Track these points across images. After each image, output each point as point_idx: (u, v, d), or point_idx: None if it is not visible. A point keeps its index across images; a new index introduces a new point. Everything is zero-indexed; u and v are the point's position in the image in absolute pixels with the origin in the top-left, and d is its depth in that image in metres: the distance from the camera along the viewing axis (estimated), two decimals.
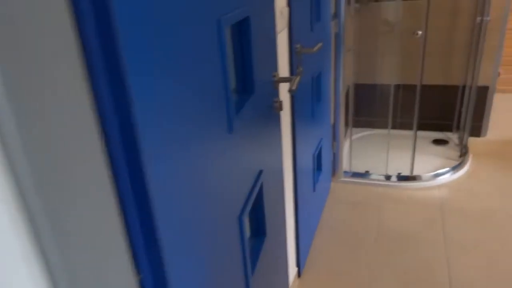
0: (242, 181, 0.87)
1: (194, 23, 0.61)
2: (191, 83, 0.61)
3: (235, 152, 0.80)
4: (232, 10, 0.74)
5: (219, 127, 0.72)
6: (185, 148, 0.59)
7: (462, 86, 3.03)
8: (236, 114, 0.79)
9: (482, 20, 2.43)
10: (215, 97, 0.69)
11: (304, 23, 1.60)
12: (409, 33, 2.96)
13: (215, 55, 0.68)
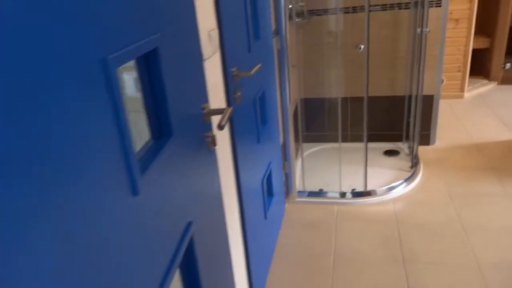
0: (160, 245, 0.72)
1: (56, 70, 0.46)
2: (68, 148, 0.46)
3: (145, 215, 0.65)
4: (126, 45, 0.59)
5: (117, 192, 0.57)
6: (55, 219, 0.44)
7: (408, 96, 3.04)
8: (145, 170, 0.65)
9: (422, 31, 2.44)
10: (107, 158, 0.55)
11: (240, 44, 1.48)
12: (353, 46, 2.94)
13: (102, 106, 0.53)
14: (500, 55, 4.33)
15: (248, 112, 1.59)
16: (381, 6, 2.82)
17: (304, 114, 3.27)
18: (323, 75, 3.09)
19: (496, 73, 4.43)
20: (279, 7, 2.15)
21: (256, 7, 1.73)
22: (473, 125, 3.46)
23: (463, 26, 3.86)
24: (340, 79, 3.08)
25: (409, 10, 2.78)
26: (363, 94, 2.98)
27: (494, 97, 4.10)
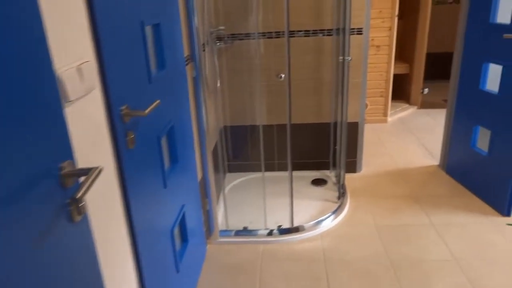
0: None
1: None
2: None
3: None
4: None
5: None
6: None
7: (334, 123, 2.97)
8: None
9: (344, 59, 2.37)
10: None
11: (134, 76, 1.24)
12: (276, 72, 2.82)
13: None
14: (418, 80, 4.51)
15: (147, 155, 1.34)
16: (304, 32, 2.74)
17: (229, 142, 3.07)
18: (247, 101, 2.93)
19: (416, 97, 4.60)
20: (192, 32, 1.95)
21: (160, 32, 1.51)
22: (396, 150, 3.49)
23: (384, 53, 3.95)
24: (264, 105, 2.94)
25: (332, 36, 2.73)
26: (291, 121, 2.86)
27: (414, 121, 4.22)
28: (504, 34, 2.25)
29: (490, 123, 2.49)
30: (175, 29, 1.71)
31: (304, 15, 2.69)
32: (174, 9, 1.70)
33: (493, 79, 2.48)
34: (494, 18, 2.39)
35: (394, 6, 3.79)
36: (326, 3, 2.65)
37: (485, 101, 2.51)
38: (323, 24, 2.71)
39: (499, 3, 2.36)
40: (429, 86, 5.17)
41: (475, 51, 2.56)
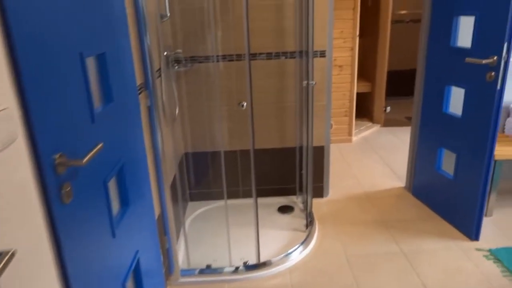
0: None
1: None
2: None
3: None
4: None
5: None
6: None
7: (299, 147, 2.88)
8: None
9: (308, 84, 2.29)
10: None
11: (71, 118, 1.08)
12: (237, 99, 2.71)
13: None
14: (380, 98, 4.53)
15: (90, 206, 1.17)
16: (266, 54, 2.64)
17: (190, 170, 2.91)
18: (208, 126, 2.79)
19: (379, 115, 4.62)
20: (145, 59, 1.79)
21: (106, 62, 1.35)
22: (362, 171, 3.44)
23: (347, 72, 3.93)
24: (226, 130, 2.81)
25: (294, 59, 2.65)
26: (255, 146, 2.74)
27: (378, 140, 4.22)
28: (466, 58, 2.24)
29: (454, 146, 2.47)
30: (125, 57, 1.56)
31: (266, 37, 2.60)
32: (123, 35, 1.55)
33: (456, 102, 2.48)
34: (455, 42, 2.39)
35: (355, 26, 3.79)
36: (288, 25, 2.58)
37: (449, 123, 2.49)
38: (286, 46, 2.63)
39: (459, 27, 2.37)
40: (391, 103, 5.23)
41: (437, 74, 2.55)
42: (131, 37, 1.68)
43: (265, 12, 2.55)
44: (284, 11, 2.56)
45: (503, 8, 1.99)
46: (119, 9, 1.51)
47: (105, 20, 1.35)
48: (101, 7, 1.32)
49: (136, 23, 1.75)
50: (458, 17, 2.35)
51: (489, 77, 2.12)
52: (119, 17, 1.51)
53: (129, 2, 1.68)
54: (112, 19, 1.42)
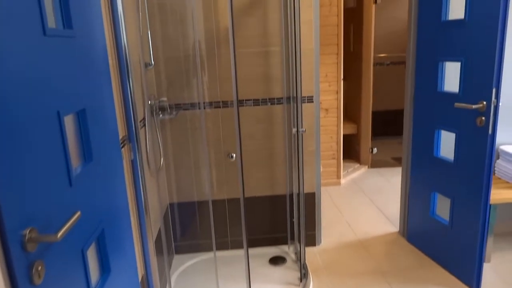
0: None
1: None
2: None
3: None
4: None
5: None
6: None
7: (289, 194, 2.78)
8: None
9: (298, 131, 2.23)
10: None
11: (45, 184, 0.97)
12: (226, 142, 2.63)
13: None
14: (367, 139, 4.52)
15: (65, 282, 1.03)
16: (253, 100, 2.60)
17: (176, 221, 2.76)
18: (195, 175, 2.68)
19: (366, 157, 4.59)
20: (129, 111, 1.71)
21: (86, 119, 1.25)
22: (354, 216, 3.35)
23: (333, 115, 3.93)
24: (214, 179, 2.70)
25: (282, 105, 2.61)
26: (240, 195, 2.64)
27: (367, 181, 4.16)
28: (454, 102, 2.23)
29: (448, 191, 2.41)
30: (107, 110, 1.47)
31: (253, 83, 2.57)
32: (105, 88, 1.47)
33: (447, 146, 2.45)
34: (442, 87, 2.39)
35: (339, 70, 3.83)
36: (275, 72, 2.56)
37: (441, 168, 2.45)
38: (273, 92, 2.59)
39: (445, 72, 2.38)
40: (377, 143, 5.23)
41: (426, 117, 2.54)
42: (114, 89, 1.61)
43: (251, 59, 2.53)
44: (270, 57, 2.54)
45: (489, 54, 2.00)
46: (101, 61, 1.44)
47: (86, 73, 1.27)
48: (82, 60, 1.25)
49: (119, 73, 1.68)
50: (443, 62, 2.36)
51: (479, 122, 2.10)
52: (101, 69, 1.44)
53: (112, 53, 1.62)
54: (93, 72, 1.35)
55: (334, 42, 3.77)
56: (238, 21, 2.47)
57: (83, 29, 1.27)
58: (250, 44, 2.51)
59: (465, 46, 2.15)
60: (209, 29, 2.47)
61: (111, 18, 1.62)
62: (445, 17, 2.30)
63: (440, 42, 2.34)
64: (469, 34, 2.12)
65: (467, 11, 2.11)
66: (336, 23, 3.74)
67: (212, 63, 2.52)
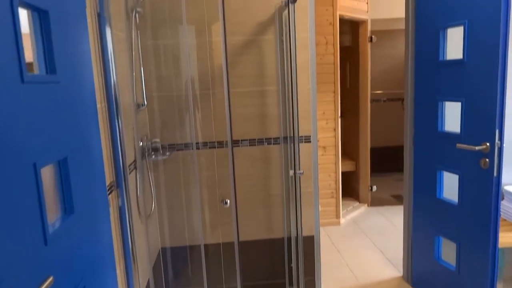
0: None
1: None
2: None
3: None
4: None
5: None
6: None
7: (287, 238, 2.66)
8: None
9: (295, 174, 2.14)
10: None
11: (15, 245, 0.87)
12: (220, 184, 2.53)
13: None
14: (366, 177, 4.43)
15: None
16: (249, 140, 2.53)
17: (168, 267, 2.62)
18: (188, 219, 2.56)
19: (365, 195, 4.49)
20: (117, 154, 1.63)
21: (67, 168, 1.17)
22: (354, 259, 3.20)
23: (331, 153, 3.86)
24: (208, 222, 2.59)
25: (279, 145, 2.54)
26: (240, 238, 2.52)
27: (367, 221, 4.03)
28: (456, 143, 2.17)
29: (454, 235, 2.30)
30: (92, 157, 1.39)
31: (248, 123, 2.51)
32: (92, 133, 1.39)
33: (450, 187, 2.36)
34: (442, 127, 2.34)
35: (337, 107, 3.80)
36: (271, 111, 2.50)
37: (445, 210, 2.35)
38: (269, 132, 2.53)
39: (445, 112, 2.33)
40: (376, 180, 5.13)
41: (427, 158, 2.46)
42: (102, 132, 1.53)
43: (247, 98, 2.48)
44: (267, 97, 2.49)
45: (490, 94, 1.96)
46: (89, 105, 1.37)
47: (71, 119, 1.20)
48: (67, 105, 1.18)
49: (109, 116, 1.61)
50: (443, 102, 2.32)
51: (483, 164, 2.03)
52: (89, 112, 1.37)
53: (101, 95, 1.56)
54: (79, 117, 1.27)
55: (331, 80, 3.76)
56: (234, 60, 2.44)
57: (69, 73, 1.21)
58: (246, 83, 2.47)
59: (465, 86, 2.11)
60: (204, 68, 2.44)
61: (101, 60, 1.57)
62: (442, 57, 2.27)
63: (438, 82, 2.30)
64: (468, 74, 2.08)
65: (465, 51, 2.08)
66: (333, 62, 3.74)
67: (207, 102, 2.47)
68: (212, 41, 2.41)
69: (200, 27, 2.39)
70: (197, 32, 2.39)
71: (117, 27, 1.83)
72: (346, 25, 4.48)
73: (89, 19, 1.47)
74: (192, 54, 2.42)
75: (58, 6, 1.16)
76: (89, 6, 1.48)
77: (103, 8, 1.51)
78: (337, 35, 3.72)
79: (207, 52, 2.43)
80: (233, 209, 1.81)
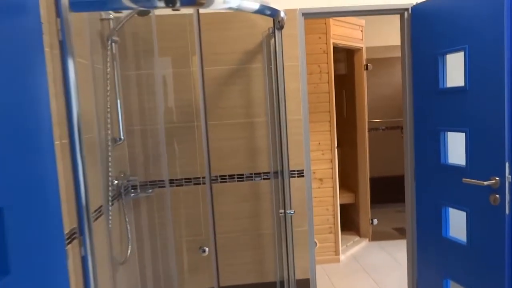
0: None
1: None
2: None
3: None
4: None
5: None
6: None
7: (280, 282, 2.43)
8: None
9: (285, 213, 1.95)
10: None
11: None
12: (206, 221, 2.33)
13: None
14: (366, 210, 4.21)
15: None
16: (237, 176, 2.34)
17: None
18: (168, 262, 2.34)
19: (366, 228, 4.25)
20: (79, 197, 1.44)
21: (2, 220, 0.98)
22: None
23: (328, 185, 3.66)
24: (191, 265, 2.36)
25: (269, 180, 2.35)
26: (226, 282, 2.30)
27: (369, 258, 3.78)
28: (462, 177, 1.98)
29: (464, 279, 2.07)
30: (48, 202, 1.19)
31: (236, 157, 2.33)
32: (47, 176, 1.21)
33: (457, 225, 2.15)
34: (446, 159, 2.15)
35: (333, 137, 3.63)
36: (261, 144, 2.33)
37: (453, 251, 2.13)
38: (259, 167, 2.34)
39: (447, 143, 2.15)
40: (376, 211, 4.90)
41: (431, 193, 2.26)
42: (61, 174, 1.35)
43: (234, 131, 2.31)
44: (256, 129, 2.33)
45: (497, 124, 1.78)
46: (43, 144, 1.20)
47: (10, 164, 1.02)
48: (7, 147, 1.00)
49: (71, 155, 1.43)
50: (445, 132, 2.14)
51: (493, 200, 1.83)
52: (42, 153, 1.19)
53: (61, 132, 1.38)
54: (25, 160, 1.09)
55: (326, 109, 3.61)
56: (220, 90, 2.29)
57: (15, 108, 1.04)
58: (233, 114, 2.30)
59: (469, 115, 1.94)
60: (188, 100, 2.28)
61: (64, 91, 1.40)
62: (443, 84, 2.12)
63: (439, 111, 2.13)
64: (472, 103, 1.92)
65: (467, 78, 1.93)
66: (327, 90, 3.60)
67: (191, 135, 2.30)
68: (195, 71, 2.27)
69: (183, 57, 2.25)
70: (180, 62, 2.25)
71: (82, 55, 1.68)
72: (341, 53, 4.38)
73: (47, 48, 1.32)
74: (175, 84, 2.27)
75: (4, 31, 1.00)
76: (48, 33, 1.33)
77: (64, 34, 1.36)
78: (331, 63, 3.60)
79: (191, 82, 2.28)
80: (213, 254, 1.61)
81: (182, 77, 2.26)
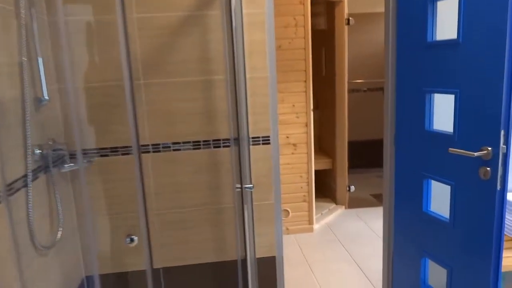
0: None
1: None
2: None
3: None
4: None
5: None
6: None
7: (242, 260, 2.18)
8: None
9: (242, 188, 1.66)
10: None
11: None
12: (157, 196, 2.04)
13: None
14: (343, 176, 3.99)
15: None
16: (193, 143, 2.03)
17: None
18: (114, 240, 2.06)
19: (342, 196, 4.05)
20: None
21: None
22: (329, 278, 2.76)
23: (303, 151, 3.39)
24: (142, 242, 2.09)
25: (230, 148, 2.05)
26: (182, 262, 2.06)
27: (344, 227, 3.60)
28: (448, 147, 1.71)
29: (443, 259, 1.86)
30: None
31: (192, 121, 2.00)
32: None
33: (440, 199, 1.91)
34: (430, 125, 1.87)
35: (309, 99, 3.32)
36: (220, 106, 2.00)
37: (433, 227, 1.91)
38: (218, 132, 2.03)
39: (434, 106, 1.86)
40: (354, 177, 4.71)
41: (412, 163, 2.01)
42: None
43: (187, 91, 1.98)
44: (213, 89, 1.99)
45: (493, 84, 1.50)
46: None
47: None
48: None
49: None
50: (432, 94, 1.85)
51: (483, 173, 1.58)
52: None
53: None
54: None
55: (301, 68, 3.27)
56: (169, 42, 1.93)
57: None
58: (186, 71, 1.96)
59: (460, 74, 1.65)
60: (132, 53, 1.91)
61: None
62: (431, 37, 1.80)
63: (426, 69, 1.83)
64: (464, 59, 1.62)
65: (461, 29, 1.61)
66: (303, 46, 3.25)
67: (137, 95, 1.95)
68: (139, 18, 1.88)
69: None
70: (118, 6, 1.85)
71: None
72: (320, 5, 3.97)
73: None
74: (113, 35, 1.89)
75: None
76: None
77: None
78: (308, 15, 3.22)
79: (134, 31, 1.90)
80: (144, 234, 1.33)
81: (114, 25, 1.87)
